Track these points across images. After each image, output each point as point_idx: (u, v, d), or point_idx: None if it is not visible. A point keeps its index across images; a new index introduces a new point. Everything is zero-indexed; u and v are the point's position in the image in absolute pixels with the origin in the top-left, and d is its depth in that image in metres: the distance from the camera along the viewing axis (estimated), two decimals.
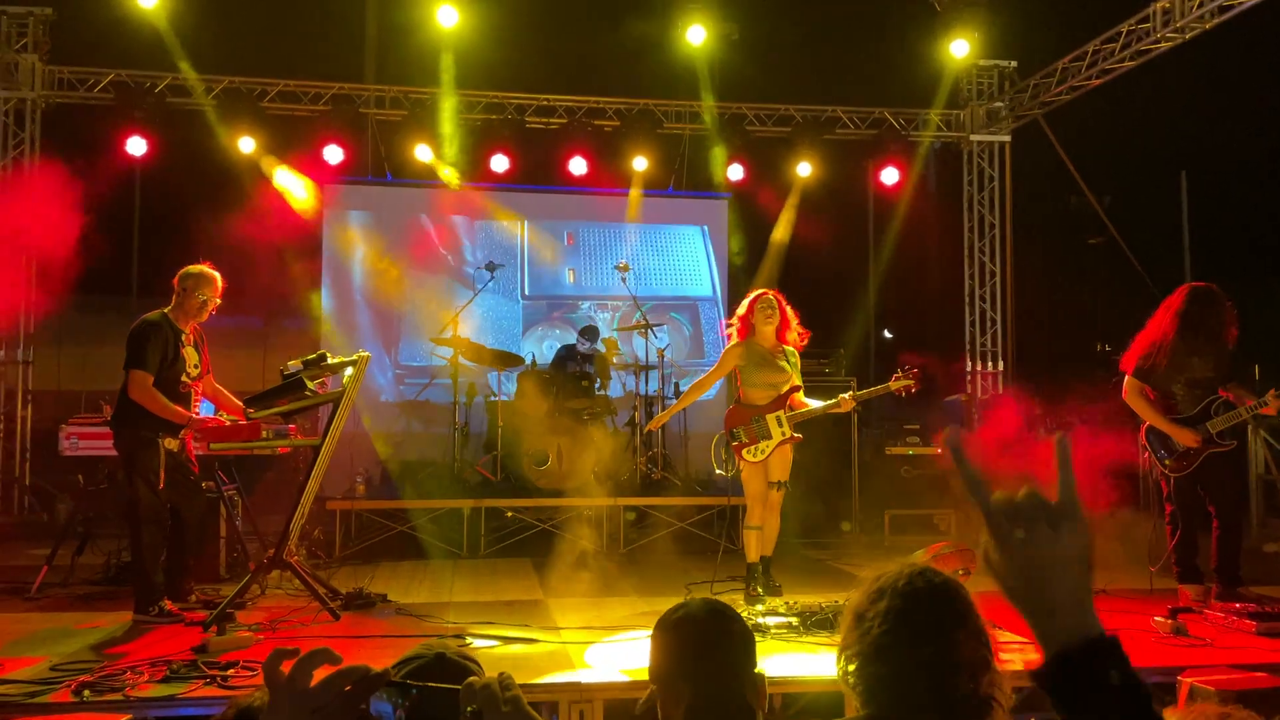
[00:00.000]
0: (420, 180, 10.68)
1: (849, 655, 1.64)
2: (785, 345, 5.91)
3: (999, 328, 11.37)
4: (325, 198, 10.67)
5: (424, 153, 10.33)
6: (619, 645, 4.77)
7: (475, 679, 1.18)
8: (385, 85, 10.47)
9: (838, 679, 1.67)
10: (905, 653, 1.57)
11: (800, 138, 10.84)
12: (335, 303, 10.73)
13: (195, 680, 4.05)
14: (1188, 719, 1.63)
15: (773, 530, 5.87)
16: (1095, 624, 1.03)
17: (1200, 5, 8.26)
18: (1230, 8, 8.05)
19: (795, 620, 5.08)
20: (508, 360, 9.05)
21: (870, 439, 8.92)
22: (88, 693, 3.88)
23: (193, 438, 5.63)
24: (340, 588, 5.87)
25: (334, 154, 10.13)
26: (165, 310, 5.62)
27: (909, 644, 1.57)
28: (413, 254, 10.89)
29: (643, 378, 8.94)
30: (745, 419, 5.81)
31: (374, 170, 10.70)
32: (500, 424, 8.50)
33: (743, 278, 11.03)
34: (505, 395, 8.98)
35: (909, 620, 1.59)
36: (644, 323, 8.69)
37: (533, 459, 8.23)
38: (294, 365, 5.59)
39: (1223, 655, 4.45)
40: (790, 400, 5.84)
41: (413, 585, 6.54)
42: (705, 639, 1.96)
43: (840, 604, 5.34)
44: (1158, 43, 8.89)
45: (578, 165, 10.52)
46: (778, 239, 11.09)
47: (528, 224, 11.07)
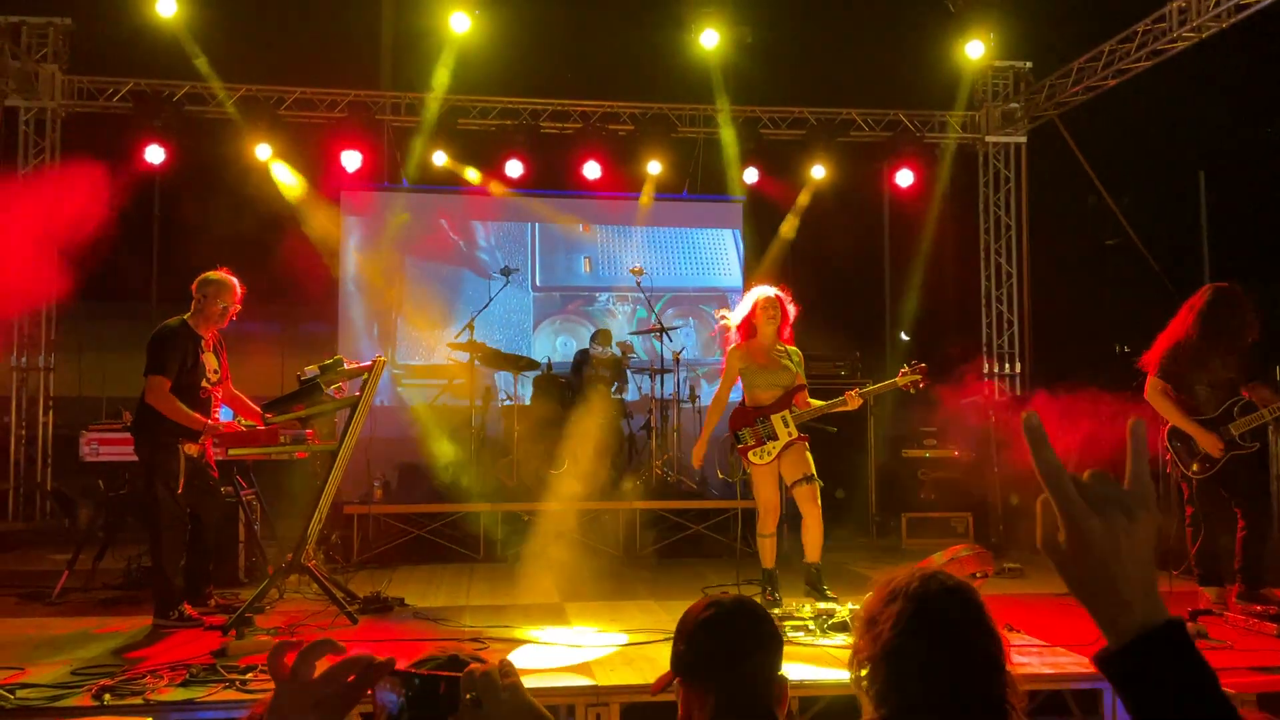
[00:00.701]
0: (436, 185, 10.73)
1: (861, 659, 1.63)
2: (787, 344, 5.84)
3: (1016, 329, 11.31)
4: (342, 203, 10.73)
5: (439, 158, 10.39)
6: (635, 648, 4.76)
7: (476, 666, 1.18)
8: (401, 91, 10.53)
9: (850, 683, 1.66)
10: (917, 657, 1.56)
11: (814, 140, 10.83)
12: (352, 307, 10.78)
13: (215, 684, 4.06)
14: None
15: (817, 530, 5.67)
16: (1163, 610, 1.02)
17: (1217, 4, 8.20)
18: (1246, 6, 7.99)
19: (812, 623, 5.06)
20: (523, 364, 9.07)
21: (886, 442, 8.88)
22: (108, 696, 3.90)
23: (212, 443, 5.65)
24: (358, 591, 5.88)
25: (351, 160, 10.18)
26: (184, 317, 5.65)
27: (920, 648, 1.56)
28: (429, 258, 10.93)
29: (659, 380, 8.94)
30: (750, 420, 5.76)
31: (390, 176, 10.76)
32: (516, 428, 8.51)
33: (758, 280, 11.01)
34: (521, 399, 8.99)
35: (920, 624, 1.59)
36: (659, 326, 8.69)
37: (549, 463, 8.23)
38: (311, 370, 5.61)
39: (1243, 658, 4.40)
40: (796, 399, 5.77)
41: (429, 589, 6.55)
42: (739, 639, 1.96)
43: (826, 604, 5.34)
44: (1174, 42, 8.83)
45: (592, 169, 10.53)
46: (784, 237, 11.08)
47: (542, 225, 11.10)
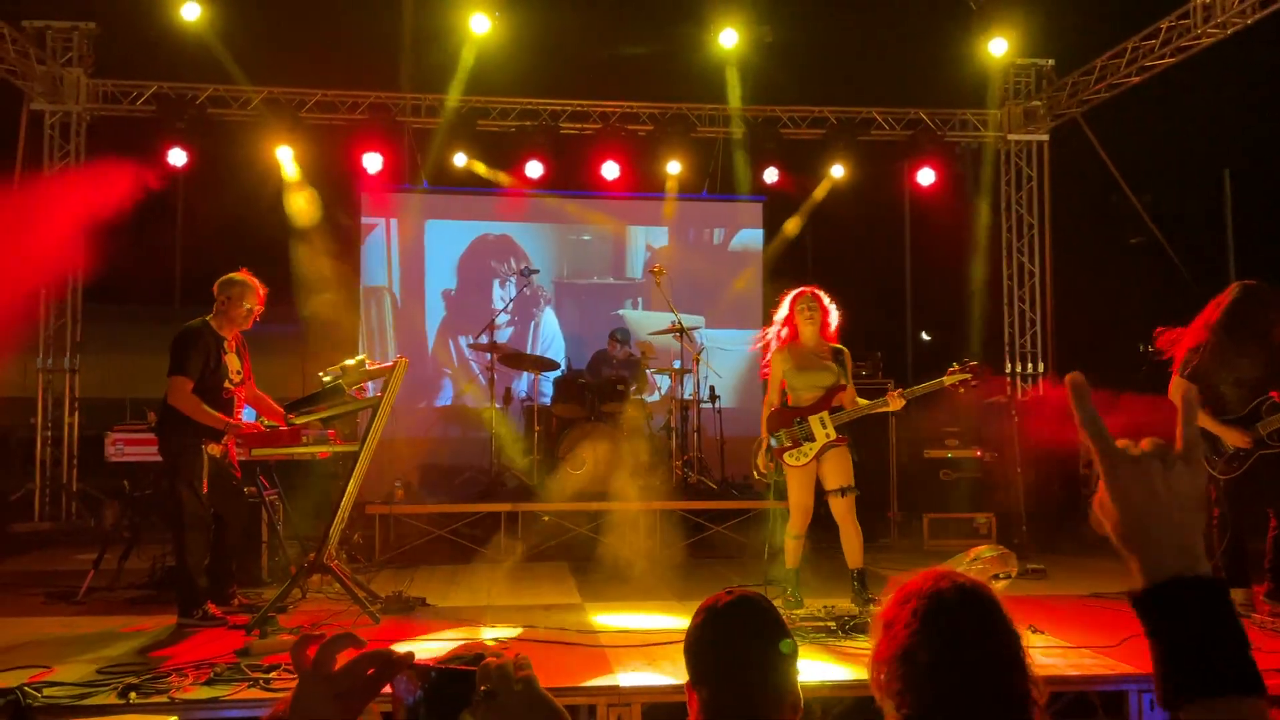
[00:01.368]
0: (456, 186, 10.76)
1: (879, 661, 1.63)
2: (832, 343, 5.76)
3: (1038, 328, 11.23)
4: (363, 204, 10.79)
5: (460, 159, 10.43)
6: (656, 648, 4.76)
7: (490, 660, 1.19)
8: (421, 93, 10.57)
9: (870, 685, 1.66)
10: (930, 657, 1.56)
11: (835, 140, 10.79)
12: (374, 308, 10.83)
13: (239, 682, 4.09)
14: None
15: (855, 539, 5.62)
16: (1201, 564, 1.05)
17: (1241, 0, 8.12)
18: (1271, 2, 7.90)
19: (833, 624, 5.04)
20: (544, 364, 9.08)
21: (907, 442, 8.84)
22: (134, 695, 3.93)
23: (235, 443, 5.69)
24: (379, 591, 5.91)
25: (372, 162, 10.23)
26: (207, 318, 5.70)
27: (937, 649, 1.56)
28: (449, 259, 10.98)
29: (680, 381, 8.93)
30: (788, 421, 5.68)
31: (411, 177, 10.80)
32: (537, 428, 8.53)
33: (778, 279, 11.00)
34: (542, 399, 9.01)
35: (936, 625, 1.58)
36: (679, 327, 8.68)
37: (569, 463, 8.25)
38: (333, 371, 5.64)
39: (1269, 660, 4.35)
40: (837, 400, 5.70)
41: (451, 589, 6.57)
42: (734, 637, 1.93)
43: (874, 609, 5.32)
44: (1199, 38, 8.75)
45: (611, 169, 10.54)
46: (797, 235, 11.06)
47: (562, 226, 11.13)
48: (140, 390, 9.72)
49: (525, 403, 9.27)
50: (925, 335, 13.30)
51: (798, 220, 11.27)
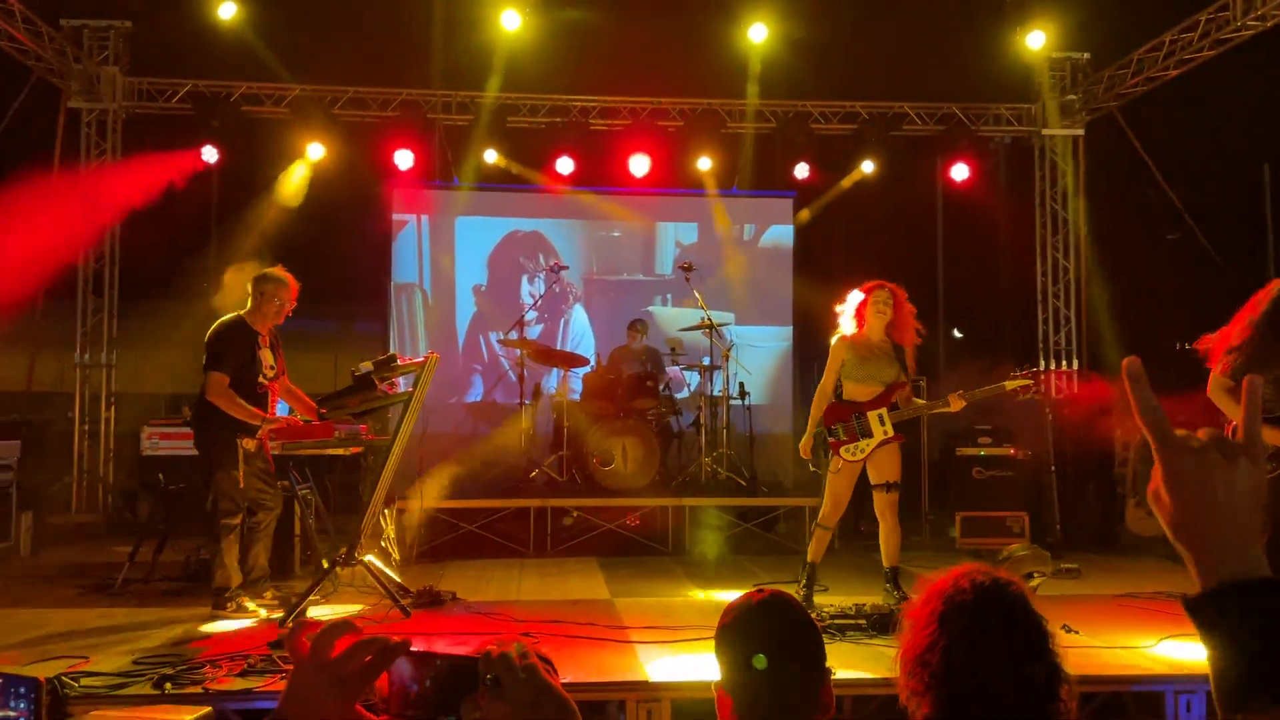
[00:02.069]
0: (487, 184, 10.80)
1: (905, 659, 1.62)
2: (897, 341, 5.67)
3: (1073, 326, 11.11)
4: (395, 202, 10.86)
5: (490, 156, 10.46)
6: (685, 644, 4.76)
7: (493, 648, 1.19)
8: (452, 90, 10.60)
9: (896, 683, 1.65)
10: (948, 660, 1.55)
11: (866, 135, 10.73)
12: (405, 305, 10.90)
13: (272, 674, 4.14)
14: None
15: (894, 536, 5.59)
16: (1262, 566, 1.01)
17: None
18: None
19: (864, 622, 5.02)
20: (573, 360, 9.10)
21: (940, 439, 8.78)
22: (169, 685, 3.99)
23: (268, 437, 5.75)
24: (410, 586, 5.95)
25: (404, 159, 10.28)
26: (241, 313, 5.76)
27: (964, 647, 1.55)
28: (480, 255, 11.02)
29: (709, 378, 8.92)
30: (846, 415, 5.60)
31: (442, 174, 10.84)
32: (566, 424, 8.55)
33: (807, 275, 10.96)
34: (571, 395, 9.02)
35: (964, 623, 1.57)
36: (708, 323, 8.67)
37: (598, 459, 8.26)
38: (364, 367, 5.67)
39: None
40: (896, 397, 5.63)
41: (480, 583, 6.61)
42: (755, 640, 1.91)
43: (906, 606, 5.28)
44: (1239, 30, 8.61)
45: (641, 165, 10.53)
46: (820, 229, 11.02)
47: (592, 222, 11.15)
48: (175, 385, 9.85)
49: (555, 399, 9.29)
50: (957, 332, 13.18)
51: (828, 216, 11.21)
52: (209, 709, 3.79)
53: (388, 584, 5.61)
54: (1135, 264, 11.15)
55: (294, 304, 5.83)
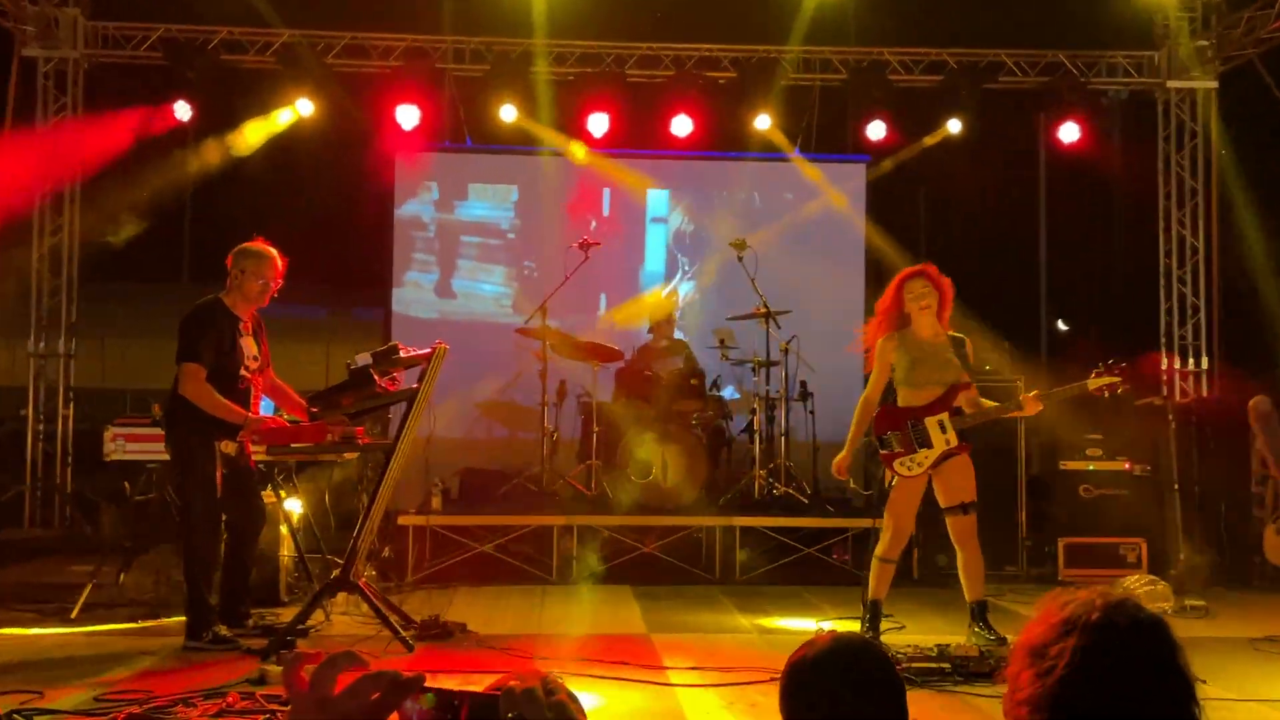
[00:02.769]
0: (505, 145, 10.83)
1: (1020, 701, 1.59)
2: (952, 331, 5.69)
3: (1201, 316, 10.94)
4: (398, 167, 10.92)
5: (509, 113, 10.46)
6: (736, 689, 4.76)
7: (515, 683, 1.20)
8: (464, 36, 10.64)
9: None
10: (1095, 702, 1.52)
11: (955, 88, 10.63)
12: (409, 286, 10.97)
13: (253, 715, 4.19)
14: None
15: (976, 565, 5.57)
16: None
17: None
18: None
19: (947, 667, 4.98)
20: (605, 354, 9.11)
21: (1040, 450, 8.69)
22: None
23: (251, 440, 5.81)
24: (414, 614, 6.00)
25: (408, 116, 10.32)
26: (220, 295, 5.82)
27: (1101, 691, 1.52)
28: (498, 229, 11.06)
29: (765, 376, 8.89)
30: (900, 423, 5.59)
31: (453, 134, 10.89)
32: (596, 429, 8.56)
33: (882, 255, 10.89)
34: (602, 394, 9.03)
35: (1103, 661, 1.54)
36: (765, 310, 8.64)
37: (634, 470, 8.27)
38: (362, 359, 5.72)
39: None
40: (958, 400, 5.61)
41: (495, 614, 6.65)
42: (837, 690, 1.91)
43: (1002, 650, 5.24)
44: None
45: (684, 125, 10.50)
46: (899, 199, 10.93)
47: (626, 189, 11.15)
48: (143, 379, 9.99)
49: (583, 398, 9.31)
50: (1062, 324, 13.05)
51: (908, 185, 11.13)
52: None
53: (387, 612, 5.66)
54: (1278, 241, 10.96)
55: (279, 282, 5.87)
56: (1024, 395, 5.52)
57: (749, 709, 4.43)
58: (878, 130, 10.70)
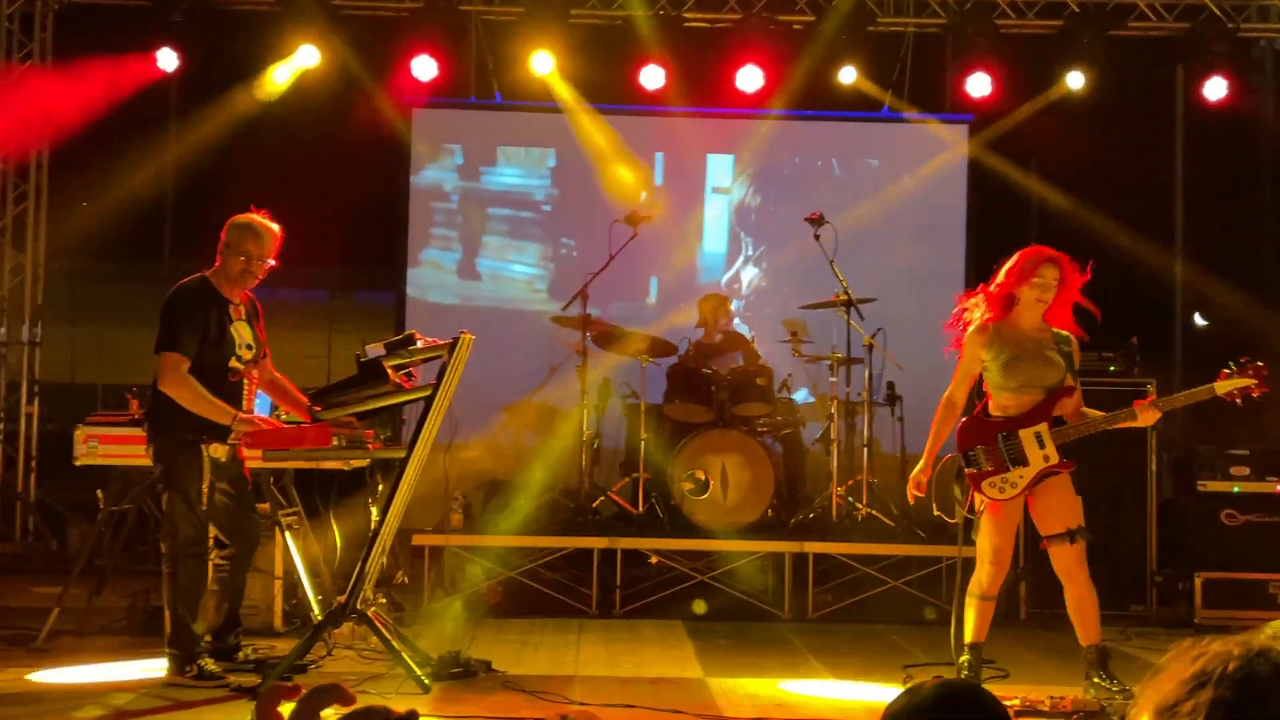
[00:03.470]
0: (538, 102, 10.84)
1: None
2: (1059, 329, 5.63)
3: None
4: (414, 127, 10.97)
5: (544, 63, 10.47)
6: None
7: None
8: None
9: None
10: None
11: (1076, 35, 10.53)
12: (426, 265, 11.03)
13: None
14: None
15: (1089, 604, 5.52)
16: None
17: None
18: None
19: None
20: (656, 347, 9.11)
21: (1173, 469, 8.59)
22: None
23: (244, 443, 5.86)
24: (429, 649, 6.05)
25: (425, 68, 10.37)
26: (206, 274, 5.89)
27: None
28: (532, 200, 11.10)
29: (845, 375, 8.86)
30: (989, 435, 5.54)
31: (479, 89, 10.91)
32: (644, 436, 8.58)
33: (985, 233, 10.81)
34: (651, 395, 9.04)
35: (1244, 719, 1.53)
36: (845, 297, 8.60)
37: (688, 485, 8.28)
38: (374, 350, 5.76)
39: None
40: (1060, 408, 5.57)
41: (525, 650, 6.70)
42: None
43: (1124, 701, 5.20)
44: None
45: (753, 78, 10.47)
46: (1006, 167, 10.84)
47: (683, 154, 11.15)
48: (119, 373, 10.09)
49: (629, 400, 9.32)
50: (1200, 318, 12.88)
51: (1018, 150, 11.02)
52: None
53: (400, 647, 5.71)
54: None
55: (268, 261, 5.89)
56: (1139, 403, 5.42)
57: None
58: (982, 85, 10.61)
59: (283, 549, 6.78)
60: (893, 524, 8.44)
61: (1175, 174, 11.71)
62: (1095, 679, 5.50)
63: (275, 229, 5.94)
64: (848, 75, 10.55)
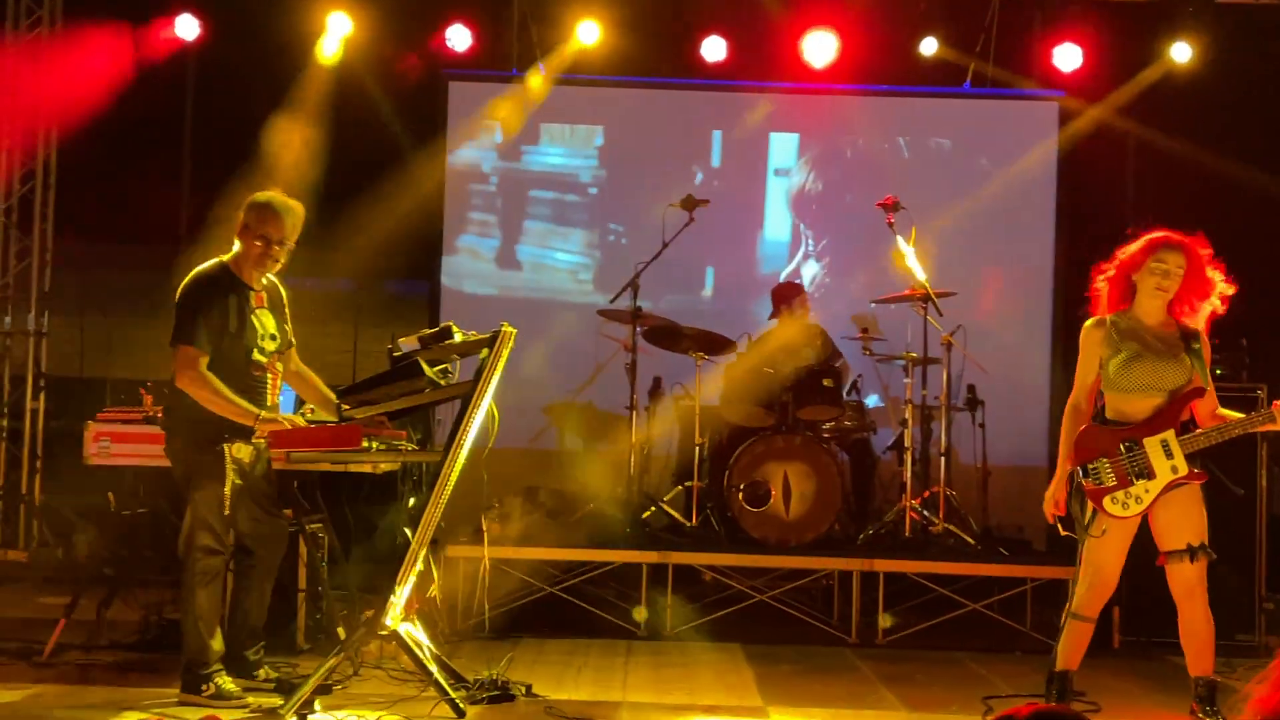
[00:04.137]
0: (586, 75, 10.84)
1: None
2: (1185, 322, 5.51)
3: None
4: (450, 101, 11.00)
5: (590, 33, 10.47)
6: None
7: None
8: None
9: None
10: None
11: (1180, 2, 10.42)
12: (462, 252, 11.07)
13: None
14: None
15: (1204, 630, 5.39)
16: None
17: None
18: None
19: None
20: (713, 343, 9.10)
21: None
22: None
23: (269, 444, 5.86)
24: (464, 671, 6.07)
25: (461, 37, 10.41)
26: (224, 260, 5.92)
27: None
28: (578, 183, 11.10)
29: (920, 377, 8.81)
30: (1110, 446, 5.41)
31: (520, 60, 10.92)
32: (699, 440, 8.56)
33: (1078, 221, 10.72)
34: (708, 397, 9.03)
35: None
36: (923, 291, 8.55)
37: (748, 495, 8.26)
38: (407, 344, 5.78)
39: None
40: (1190, 411, 5.45)
41: (567, 674, 6.69)
42: None
43: None
44: None
45: (822, 49, 10.42)
46: (1102, 149, 10.75)
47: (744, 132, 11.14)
48: (129, 366, 10.16)
49: (682, 401, 9.31)
50: None
51: (1115, 130, 10.92)
52: None
53: (432, 667, 5.72)
54: None
55: (287, 244, 5.89)
56: (1278, 403, 5.33)
57: None
58: (1073, 57, 10.55)
59: (306, 559, 6.82)
60: (973, 541, 8.39)
61: None
62: (1203, 714, 5.42)
63: (298, 208, 5.95)
64: (929, 46, 10.49)
